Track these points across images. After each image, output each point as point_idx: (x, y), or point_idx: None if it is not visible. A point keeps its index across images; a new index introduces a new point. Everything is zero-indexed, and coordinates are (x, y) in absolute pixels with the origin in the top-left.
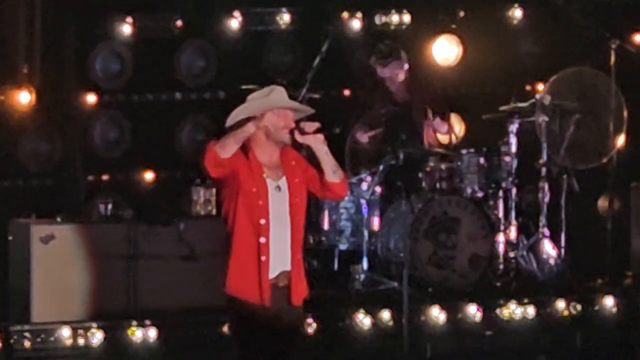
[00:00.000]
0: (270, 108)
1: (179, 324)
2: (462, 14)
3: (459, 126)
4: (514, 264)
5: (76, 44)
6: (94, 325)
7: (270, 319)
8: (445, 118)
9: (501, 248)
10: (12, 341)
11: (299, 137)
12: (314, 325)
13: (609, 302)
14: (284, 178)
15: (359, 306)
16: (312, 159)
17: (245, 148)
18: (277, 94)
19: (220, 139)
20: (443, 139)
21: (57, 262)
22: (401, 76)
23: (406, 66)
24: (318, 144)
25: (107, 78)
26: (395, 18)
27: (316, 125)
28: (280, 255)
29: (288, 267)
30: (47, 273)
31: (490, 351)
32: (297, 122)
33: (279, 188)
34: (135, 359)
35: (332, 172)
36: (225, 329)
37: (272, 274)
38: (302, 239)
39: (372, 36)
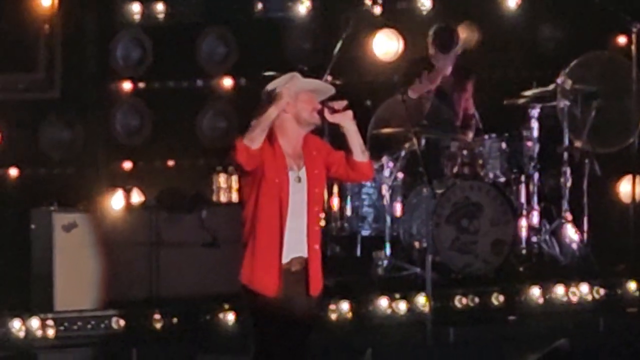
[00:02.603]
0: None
1: (201, 311)
2: None
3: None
4: (537, 249)
5: (97, 32)
6: (116, 313)
7: (284, 308)
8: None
9: (524, 233)
10: (35, 329)
11: (329, 116)
12: (338, 310)
13: (631, 286)
14: (304, 168)
15: (382, 292)
16: (336, 142)
17: (270, 137)
18: (299, 79)
19: (246, 132)
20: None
21: (80, 250)
22: (450, 66)
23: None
24: (347, 121)
25: (128, 65)
26: (417, 3)
27: (344, 102)
28: (295, 245)
29: (304, 254)
30: (70, 261)
31: (513, 336)
32: (322, 102)
33: (299, 179)
34: (157, 347)
35: (361, 151)
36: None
37: (285, 259)
38: (319, 229)
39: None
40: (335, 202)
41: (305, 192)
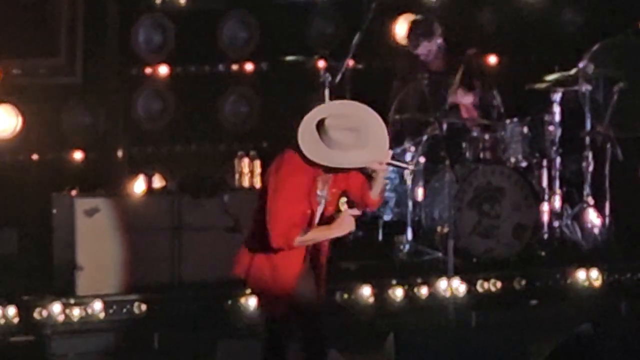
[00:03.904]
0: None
1: (223, 296)
2: None
3: None
4: (559, 234)
5: (119, 16)
6: (138, 297)
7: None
8: (472, 89)
9: (545, 217)
10: (57, 314)
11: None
12: (360, 295)
13: None
14: (327, 187)
15: (404, 276)
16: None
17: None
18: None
19: (287, 221)
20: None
21: (102, 235)
22: (434, 50)
23: (439, 41)
24: (383, 173)
25: (150, 50)
26: None
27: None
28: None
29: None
30: (92, 246)
31: (535, 320)
32: None
33: (322, 198)
34: (179, 332)
35: (379, 192)
36: None
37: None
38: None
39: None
40: None
41: (323, 209)
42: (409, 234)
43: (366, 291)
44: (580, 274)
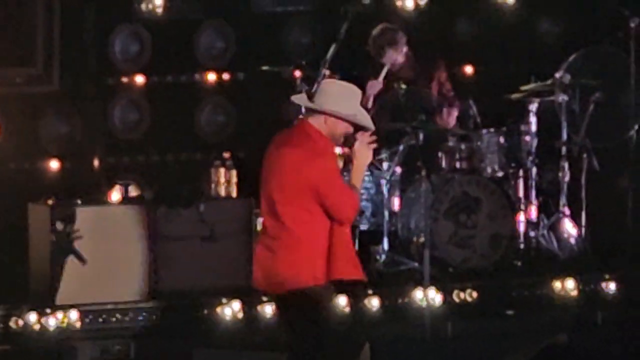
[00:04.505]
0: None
1: (199, 306)
2: None
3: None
4: (535, 244)
5: (96, 26)
6: (114, 307)
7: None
8: (453, 105)
9: (522, 227)
10: (33, 323)
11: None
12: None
13: (630, 280)
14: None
15: (380, 286)
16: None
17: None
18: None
19: (351, 191)
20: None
21: (78, 244)
22: (400, 59)
23: (405, 50)
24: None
25: (127, 60)
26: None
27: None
28: None
29: None
30: (69, 254)
31: (511, 330)
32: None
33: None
34: (157, 340)
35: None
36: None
37: None
38: None
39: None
40: None
41: None
42: (385, 244)
43: (342, 301)
44: (556, 284)
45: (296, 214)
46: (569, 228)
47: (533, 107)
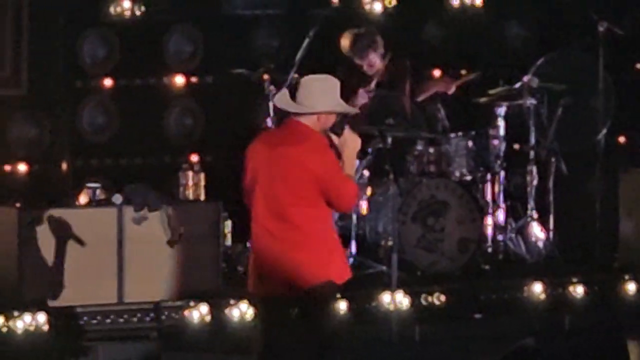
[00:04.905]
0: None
1: (167, 309)
2: None
3: None
4: (503, 247)
5: (64, 29)
6: (82, 310)
7: None
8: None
9: (489, 231)
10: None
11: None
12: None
13: (598, 284)
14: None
15: (348, 289)
16: None
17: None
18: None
19: (350, 180)
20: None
21: (46, 247)
22: (378, 63)
23: (382, 52)
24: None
25: (95, 63)
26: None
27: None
28: None
29: None
30: (36, 257)
31: (479, 334)
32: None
33: None
34: (125, 344)
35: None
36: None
37: None
38: None
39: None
40: None
41: None
42: (353, 248)
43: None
44: (524, 288)
45: (304, 212)
46: (537, 232)
47: (501, 111)
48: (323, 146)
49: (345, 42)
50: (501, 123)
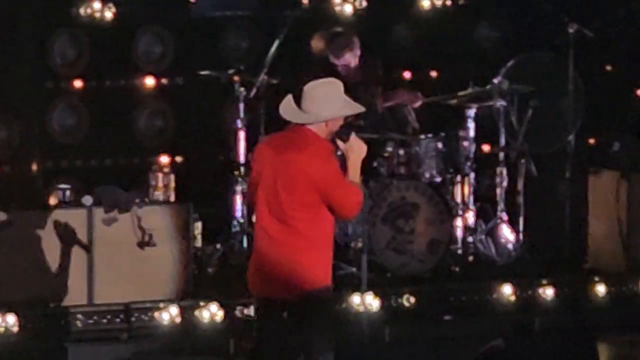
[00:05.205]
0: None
1: (136, 311)
2: None
3: None
4: (473, 249)
5: (34, 30)
6: (50, 310)
7: None
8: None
9: (459, 233)
10: None
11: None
12: None
13: (567, 286)
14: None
15: None
16: None
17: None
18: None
19: (354, 187)
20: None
21: (15, 248)
22: (354, 63)
23: (358, 52)
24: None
25: (65, 64)
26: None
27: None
28: None
29: None
30: (4, 259)
31: (448, 336)
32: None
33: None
34: (94, 345)
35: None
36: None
37: None
38: None
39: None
40: None
41: None
42: None
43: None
44: (494, 290)
45: (305, 218)
46: (507, 233)
47: (471, 112)
48: (326, 153)
49: (320, 41)
50: (471, 125)
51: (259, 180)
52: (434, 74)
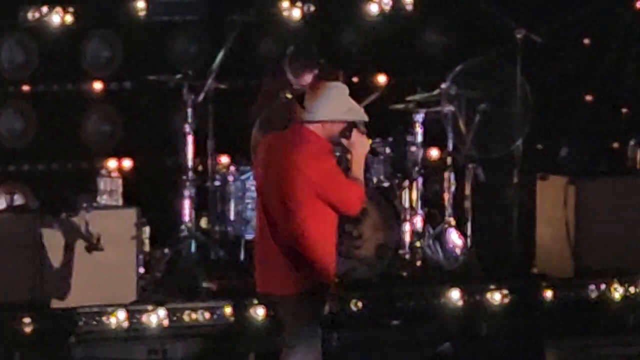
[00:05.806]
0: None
1: (84, 315)
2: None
3: None
4: (420, 254)
5: None
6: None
7: None
8: None
9: (407, 238)
10: None
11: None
12: (221, 315)
13: (515, 291)
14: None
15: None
16: None
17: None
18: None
19: (354, 184)
20: None
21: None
22: (309, 80)
23: (316, 72)
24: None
25: (13, 68)
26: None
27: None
28: None
29: None
30: None
31: (396, 340)
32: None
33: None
34: (42, 349)
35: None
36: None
37: None
38: None
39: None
40: (219, 205)
41: None
42: None
43: (227, 310)
44: (442, 294)
45: (302, 215)
46: (455, 238)
47: (419, 117)
48: (322, 151)
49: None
50: (419, 130)
51: (257, 179)
52: (381, 79)
